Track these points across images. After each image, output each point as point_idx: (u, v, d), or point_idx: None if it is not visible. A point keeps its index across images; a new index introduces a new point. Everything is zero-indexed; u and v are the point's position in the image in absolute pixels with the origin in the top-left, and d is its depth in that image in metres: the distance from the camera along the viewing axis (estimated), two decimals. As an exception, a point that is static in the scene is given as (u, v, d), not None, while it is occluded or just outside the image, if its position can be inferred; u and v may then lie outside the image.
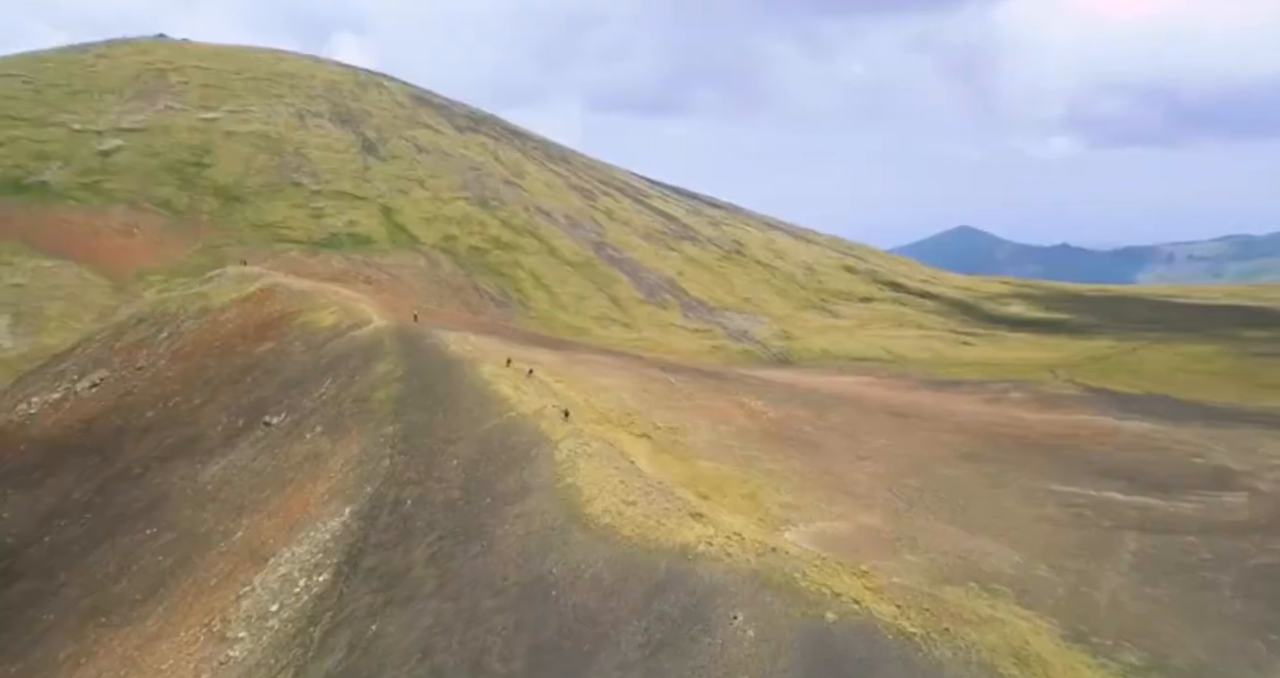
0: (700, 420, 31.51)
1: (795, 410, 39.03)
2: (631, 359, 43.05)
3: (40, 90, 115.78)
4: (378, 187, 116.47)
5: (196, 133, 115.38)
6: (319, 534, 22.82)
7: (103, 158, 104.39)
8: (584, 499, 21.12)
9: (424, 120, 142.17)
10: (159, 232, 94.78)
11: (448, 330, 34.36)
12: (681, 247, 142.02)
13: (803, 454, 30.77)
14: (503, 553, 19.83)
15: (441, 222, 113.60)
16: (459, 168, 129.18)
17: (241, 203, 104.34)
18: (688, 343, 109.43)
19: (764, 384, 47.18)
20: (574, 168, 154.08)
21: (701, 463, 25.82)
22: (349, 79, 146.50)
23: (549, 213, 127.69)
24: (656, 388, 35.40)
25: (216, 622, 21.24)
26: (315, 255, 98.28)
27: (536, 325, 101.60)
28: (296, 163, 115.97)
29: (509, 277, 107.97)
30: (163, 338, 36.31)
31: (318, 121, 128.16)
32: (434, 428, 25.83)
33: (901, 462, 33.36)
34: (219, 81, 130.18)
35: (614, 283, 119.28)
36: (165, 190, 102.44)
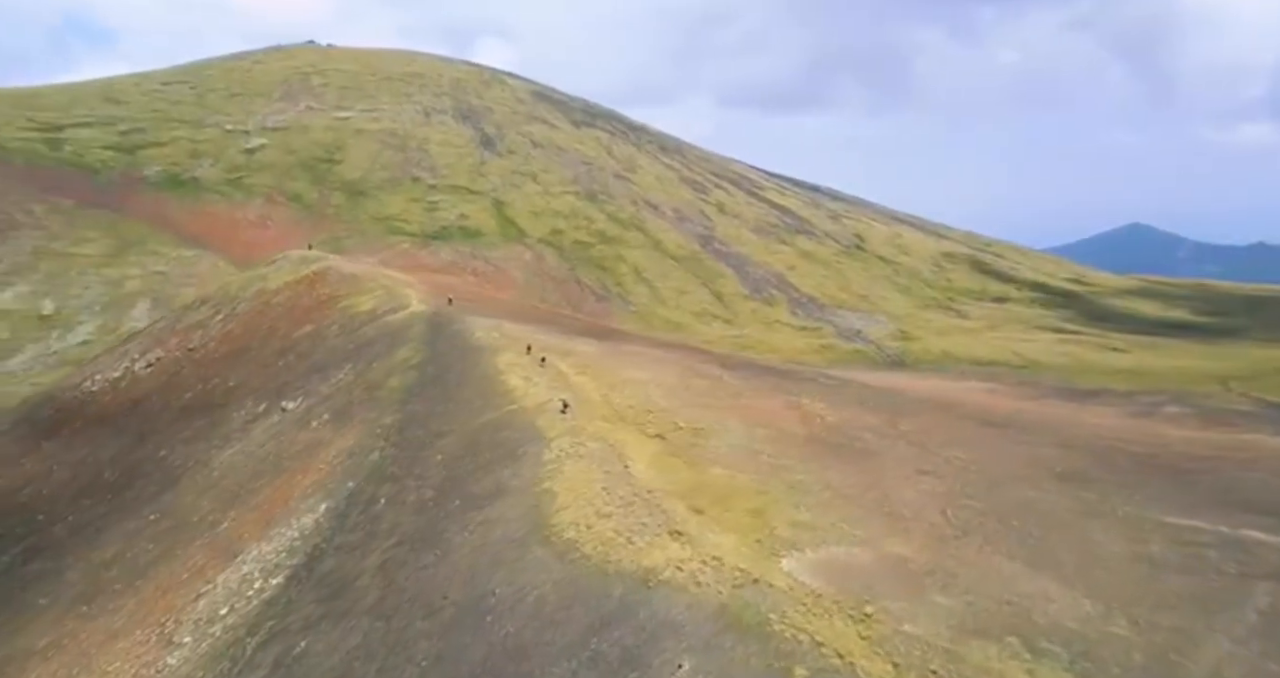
0: (734, 422, 28.44)
1: (862, 415, 34.93)
2: (687, 352, 40.29)
3: (202, 95, 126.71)
4: (491, 181, 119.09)
5: (330, 131, 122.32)
6: (290, 532, 22.04)
7: (247, 155, 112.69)
8: (555, 507, 18.93)
9: (541, 116, 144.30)
10: (289, 224, 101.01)
11: (480, 317, 33.15)
12: (795, 241, 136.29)
13: (848, 465, 27.03)
14: (453, 565, 18.01)
15: (549, 215, 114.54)
16: (571, 162, 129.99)
17: (364, 197, 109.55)
18: (793, 341, 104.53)
19: (840, 385, 43.01)
20: (688, 161, 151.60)
21: (714, 470, 22.91)
22: (474, 77, 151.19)
23: (657, 206, 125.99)
24: (698, 384, 32.56)
25: (170, 622, 20.81)
26: (426, 247, 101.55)
27: (635, 320, 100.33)
28: (418, 158, 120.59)
29: (611, 271, 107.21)
30: (218, 320, 37.58)
31: (441, 118, 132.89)
32: (431, 419, 24.54)
33: (973, 478, 28.77)
34: (355, 83, 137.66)
35: (718, 278, 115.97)
36: (298, 185, 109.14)
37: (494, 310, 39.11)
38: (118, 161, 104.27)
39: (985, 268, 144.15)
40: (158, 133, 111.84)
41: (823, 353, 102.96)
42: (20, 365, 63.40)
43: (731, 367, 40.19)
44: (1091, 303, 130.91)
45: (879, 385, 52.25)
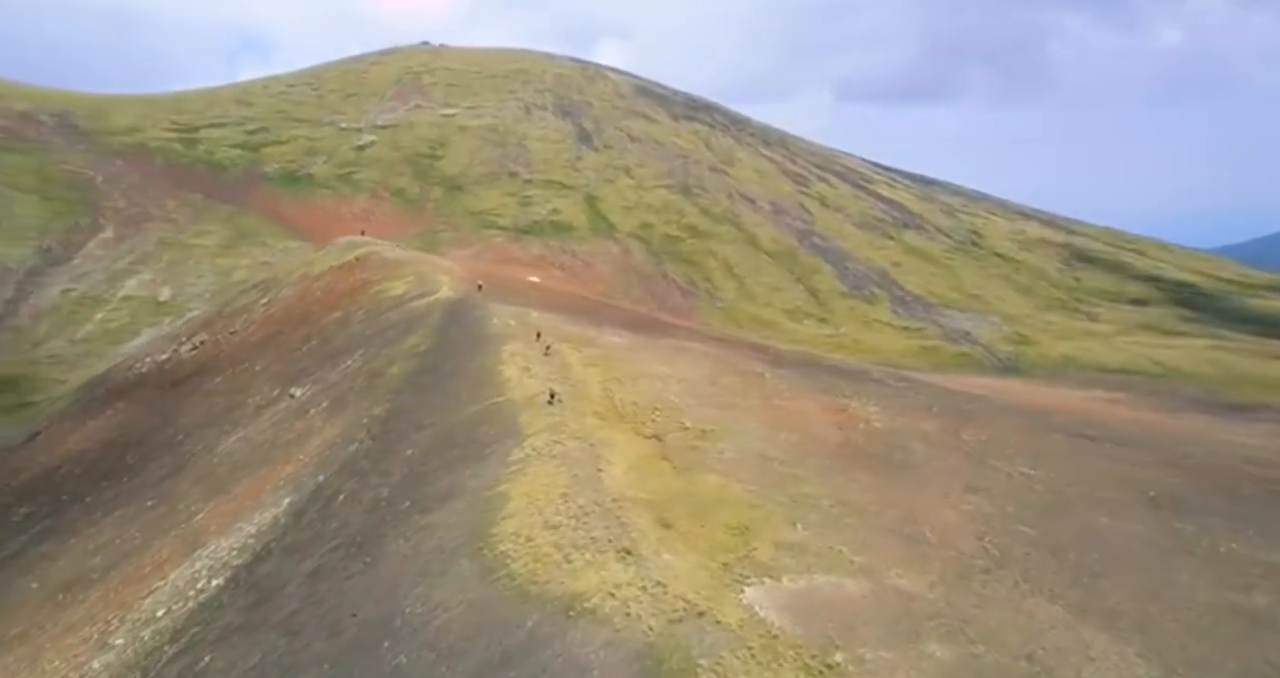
0: (754, 424, 25.72)
1: (919, 422, 31.15)
2: (737, 348, 37.57)
3: (322, 95, 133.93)
4: (586, 175, 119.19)
5: (435, 128, 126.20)
6: (249, 528, 21.40)
7: (358, 152, 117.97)
8: (502, 515, 17.19)
9: (641, 110, 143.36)
10: (390, 217, 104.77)
11: (506, 305, 31.88)
12: (902, 236, 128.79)
13: (878, 478, 23.77)
14: (377, 576, 16.62)
15: (641, 210, 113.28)
16: (667, 156, 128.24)
17: (462, 192, 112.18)
18: (892, 342, 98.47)
19: (910, 387, 38.99)
20: (791, 153, 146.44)
21: (707, 478, 20.47)
22: (577, 73, 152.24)
23: (753, 200, 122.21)
24: (730, 381, 29.93)
25: (115, 621, 20.47)
26: (517, 241, 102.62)
27: (721, 317, 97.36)
28: (516, 154, 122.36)
29: (699, 266, 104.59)
30: (261, 304, 38.31)
31: (541, 114, 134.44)
32: (418, 411, 23.42)
33: (1035, 499, 24.70)
34: (462, 81, 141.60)
35: (814, 274, 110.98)
36: (402, 180, 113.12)
37: (534, 299, 37.90)
38: (243, 159, 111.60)
39: (1123, 267, 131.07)
40: (279, 132, 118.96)
41: (924, 356, 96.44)
42: (136, 348, 68.27)
43: (783, 365, 37.14)
44: (1251, 307, 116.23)
45: (961, 390, 47.32)
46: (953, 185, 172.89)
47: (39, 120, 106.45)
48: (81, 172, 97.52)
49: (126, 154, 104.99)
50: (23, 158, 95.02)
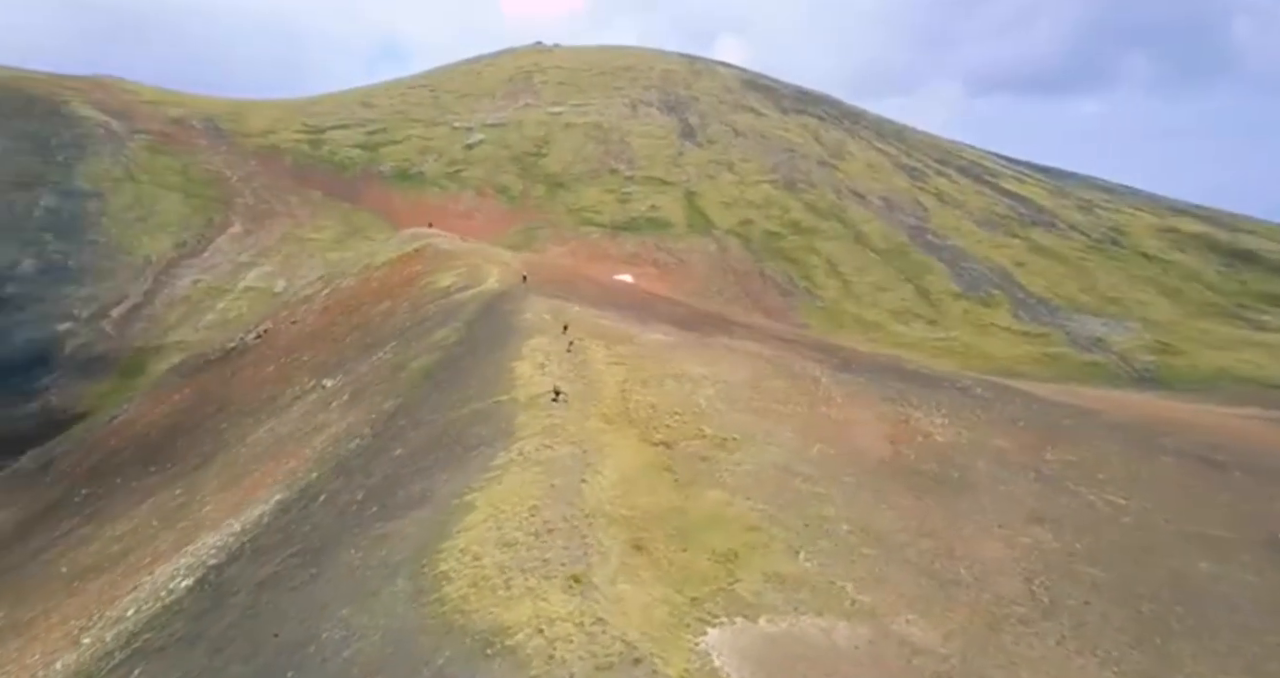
0: (788, 433, 23.33)
1: (991, 437, 27.57)
2: (796, 349, 34.90)
3: (438, 96, 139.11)
4: (687, 171, 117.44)
5: (542, 126, 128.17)
6: (236, 525, 21.15)
7: (467, 150, 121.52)
8: (460, 527, 15.95)
9: (749, 104, 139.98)
10: (492, 214, 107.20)
11: (545, 298, 30.83)
12: (1029, 233, 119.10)
13: (920, 501, 20.88)
14: (314, 591, 15.73)
15: (741, 206, 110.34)
16: (772, 150, 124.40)
17: (564, 189, 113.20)
18: (1009, 347, 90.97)
19: (998, 398, 34.98)
20: (908, 146, 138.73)
21: (710, 493, 18.48)
22: (684, 68, 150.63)
23: (863, 195, 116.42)
24: (774, 386, 27.55)
25: (95, 617, 20.52)
26: (614, 238, 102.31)
27: (820, 317, 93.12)
28: (618, 150, 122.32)
29: (800, 263, 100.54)
30: (323, 294, 39.16)
31: (647, 110, 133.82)
32: (424, 406, 22.67)
33: (1115, 536, 20.95)
34: (571, 79, 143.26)
35: (926, 273, 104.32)
36: (507, 178, 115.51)
37: (588, 293, 36.71)
38: (362, 158, 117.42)
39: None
40: (396, 132, 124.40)
41: (1046, 364, 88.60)
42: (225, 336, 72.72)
43: (850, 369, 34.14)
44: None
45: (1070, 402, 42.18)
46: (1093, 179, 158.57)
47: (190, 125, 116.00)
48: (220, 171, 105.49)
49: (260, 154, 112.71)
50: (171, 159, 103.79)
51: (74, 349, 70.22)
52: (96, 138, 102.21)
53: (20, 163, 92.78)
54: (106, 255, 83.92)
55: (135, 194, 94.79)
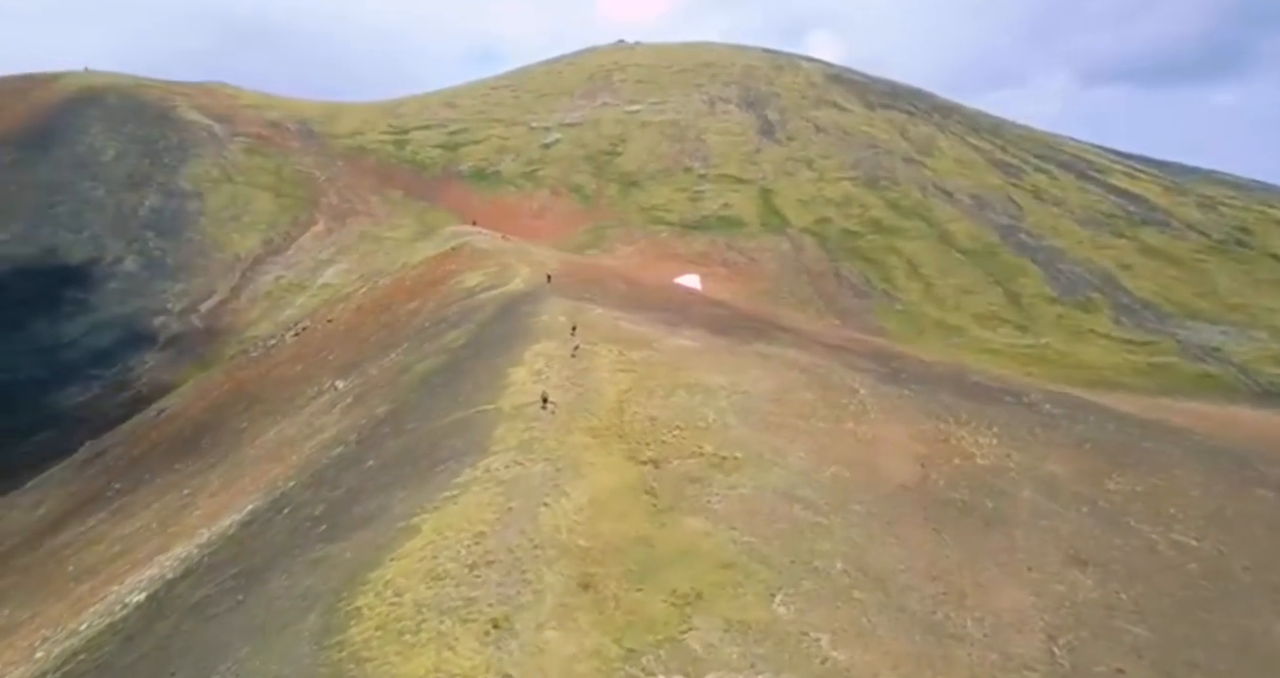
0: (800, 453, 21.33)
1: (1044, 461, 24.61)
2: (841, 356, 32.48)
3: (519, 96, 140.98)
4: (763, 169, 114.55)
5: (619, 124, 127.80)
6: (205, 535, 20.71)
7: (543, 150, 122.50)
8: (394, 555, 14.90)
9: (832, 99, 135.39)
10: (564, 213, 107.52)
11: (566, 299, 29.67)
12: (1138, 233, 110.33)
13: (940, 535, 18.55)
14: (229, 622, 14.89)
15: (819, 204, 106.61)
16: (855, 146, 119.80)
17: (637, 187, 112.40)
18: (1109, 356, 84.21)
19: (1066, 415, 31.57)
20: (1004, 141, 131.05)
21: (689, 522, 16.83)
22: (766, 63, 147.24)
23: (950, 192, 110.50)
24: (801, 398, 25.48)
25: (58, 629, 20.24)
26: (683, 237, 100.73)
27: (898, 321, 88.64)
28: (694, 148, 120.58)
29: (878, 264, 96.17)
30: (360, 293, 39.25)
31: (725, 107, 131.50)
32: (413, 413, 21.87)
33: (1176, 585, 17.95)
34: (650, 77, 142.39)
35: (1018, 275, 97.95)
36: (581, 177, 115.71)
37: (620, 293, 35.36)
38: (442, 158, 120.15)
39: None
40: (477, 132, 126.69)
41: (1151, 374, 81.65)
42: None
43: (899, 379, 31.53)
44: None
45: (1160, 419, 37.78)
46: (1219, 175, 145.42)
47: (285, 127, 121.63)
48: (309, 171, 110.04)
49: (347, 155, 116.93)
50: (266, 160, 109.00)
51: (165, 342, 74.46)
52: (200, 141, 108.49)
53: (131, 165, 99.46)
54: (201, 252, 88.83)
55: (231, 194, 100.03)
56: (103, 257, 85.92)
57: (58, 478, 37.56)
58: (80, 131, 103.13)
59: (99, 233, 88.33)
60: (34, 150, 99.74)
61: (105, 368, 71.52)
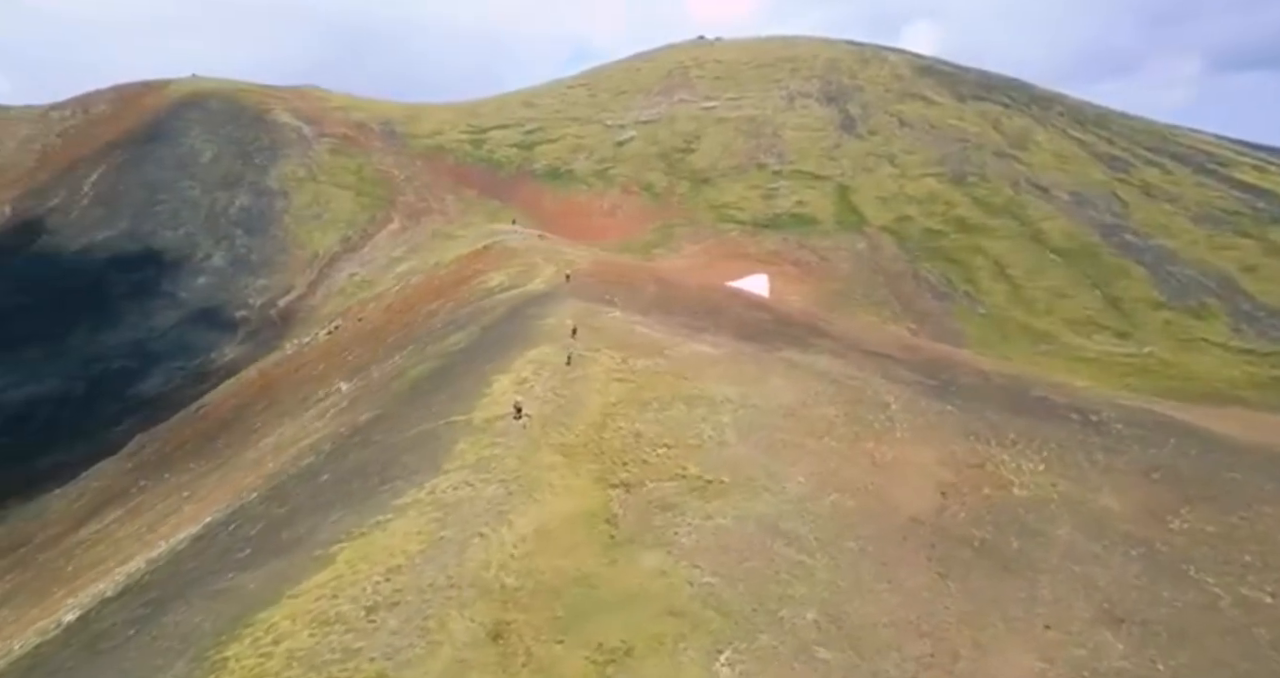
0: (800, 478, 19.24)
1: (1095, 493, 21.53)
2: (875, 366, 29.84)
3: (595, 95, 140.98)
4: (841, 165, 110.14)
5: (694, 121, 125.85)
6: (160, 549, 20.16)
7: (617, 148, 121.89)
8: (294, 591, 13.82)
9: (920, 92, 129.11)
10: (634, 212, 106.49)
11: (581, 301, 28.26)
12: (1266, 232, 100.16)
13: (941, 582, 16.15)
14: (115, 657, 14.02)
15: (900, 201, 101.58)
16: (941, 140, 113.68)
17: (708, 185, 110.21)
18: (1224, 367, 76.52)
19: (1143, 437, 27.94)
20: (1111, 133, 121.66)
21: (646, 559, 15.11)
22: (851, 56, 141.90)
23: (1046, 188, 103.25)
24: (820, 413, 23.27)
25: (12, 641, 19.87)
26: (754, 236, 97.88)
27: (980, 325, 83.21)
28: (769, 144, 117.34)
29: (962, 264, 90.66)
30: (393, 292, 38.98)
31: (805, 102, 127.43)
32: (386, 423, 20.95)
33: (1230, 650, 14.90)
34: (729, 73, 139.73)
35: (1120, 278, 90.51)
36: (653, 175, 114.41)
37: (651, 294, 33.67)
38: (517, 157, 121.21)
39: None
40: (552, 131, 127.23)
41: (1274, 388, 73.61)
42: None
43: (939, 392, 28.69)
44: None
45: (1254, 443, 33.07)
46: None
47: (370, 128, 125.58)
48: (389, 171, 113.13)
49: (426, 155, 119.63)
50: (348, 160, 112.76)
51: (244, 336, 77.77)
52: (289, 141, 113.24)
53: (225, 165, 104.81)
54: (282, 250, 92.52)
55: (314, 193, 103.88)
56: (194, 253, 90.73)
57: (103, 470, 39.08)
58: (183, 134, 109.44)
59: (193, 230, 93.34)
60: (142, 151, 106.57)
61: (188, 360, 75.27)
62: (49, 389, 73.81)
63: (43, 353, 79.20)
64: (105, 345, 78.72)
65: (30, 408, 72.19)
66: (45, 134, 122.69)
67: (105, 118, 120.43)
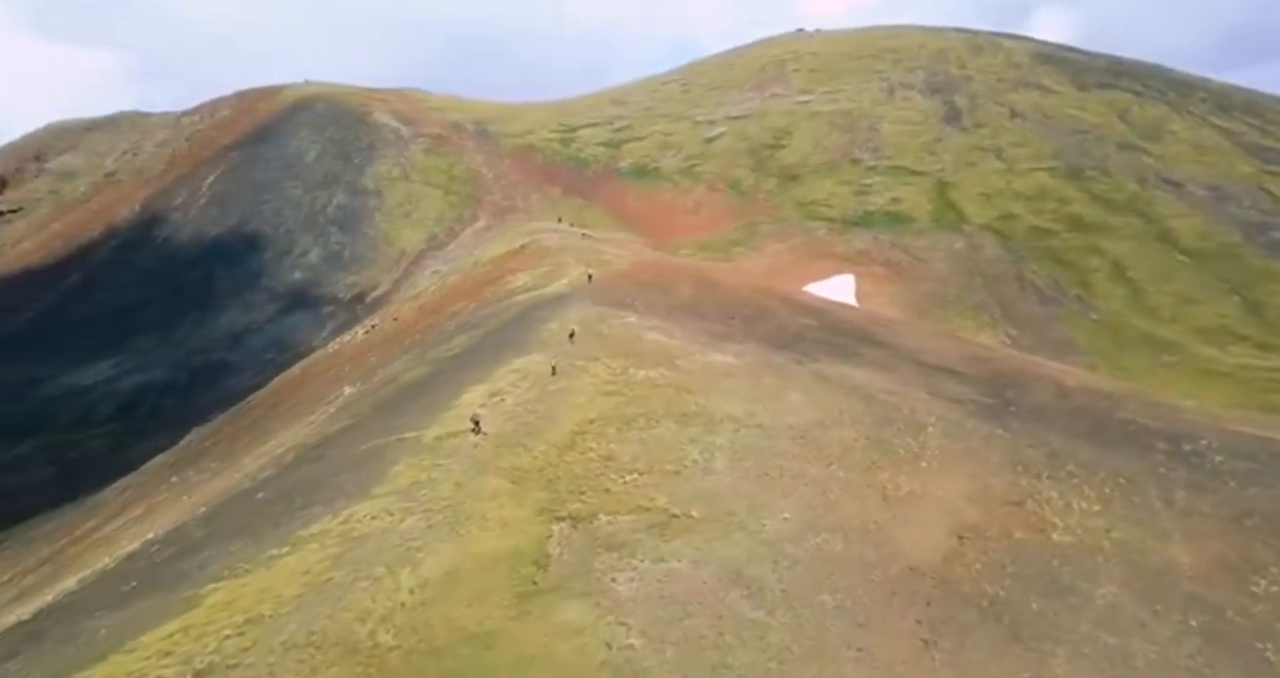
0: (786, 514, 16.81)
1: (1165, 542, 17.92)
2: (924, 382, 26.58)
3: (689, 91, 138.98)
4: (941, 160, 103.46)
5: (786, 116, 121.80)
6: (103, 563, 19.47)
7: (705, 145, 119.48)
8: (126, 647, 12.58)
9: (1037, 80, 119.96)
10: (718, 210, 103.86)
11: (598, 304, 26.50)
12: None
13: (924, 655, 13.42)
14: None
15: (1005, 197, 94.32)
16: (1057, 132, 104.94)
17: (796, 182, 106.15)
18: (1388, 391, 66.31)
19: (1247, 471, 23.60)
20: (1263, 121, 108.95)
21: (567, 611, 13.15)
22: (961, 45, 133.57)
23: (1179, 183, 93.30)
24: (834, 436, 20.62)
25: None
26: (842, 234, 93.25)
27: (1093, 334, 75.71)
28: (865, 139, 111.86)
29: (1074, 266, 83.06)
30: (429, 291, 38.26)
31: (906, 94, 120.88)
32: (346, 437, 19.78)
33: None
34: (826, 65, 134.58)
35: (1264, 282, 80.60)
36: (739, 172, 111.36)
37: (683, 297, 31.51)
38: (604, 155, 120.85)
39: None
40: (641, 128, 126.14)
41: None
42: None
43: (996, 413, 25.23)
44: None
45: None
46: None
47: (463, 128, 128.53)
48: (478, 170, 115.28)
49: (516, 154, 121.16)
50: (441, 159, 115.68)
51: (330, 331, 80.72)
52: (387, 142, 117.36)
53: (326, 165, 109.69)
54: (372, 247, 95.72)
55: (406, 192, 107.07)
56: (292, 249, 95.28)
57: (157, 463, 40.63)
58: (291, 136, 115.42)
59: (292, 228, 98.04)
60: (254, 153, 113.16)
61: (279, 353, 78.80)
62: (156, 378, 79.15)
63: (154, 343, 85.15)
64: (208, 338, 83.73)
65: (139, 395, 77.64)
66: (177, 138, 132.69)
67: (227, 122, 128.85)
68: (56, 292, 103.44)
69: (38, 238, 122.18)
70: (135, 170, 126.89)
